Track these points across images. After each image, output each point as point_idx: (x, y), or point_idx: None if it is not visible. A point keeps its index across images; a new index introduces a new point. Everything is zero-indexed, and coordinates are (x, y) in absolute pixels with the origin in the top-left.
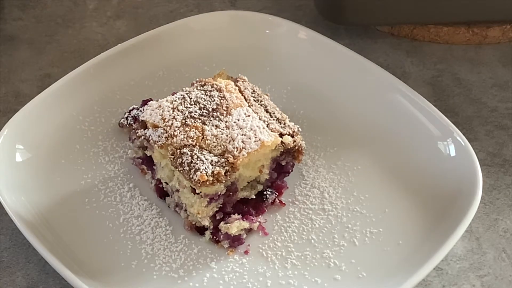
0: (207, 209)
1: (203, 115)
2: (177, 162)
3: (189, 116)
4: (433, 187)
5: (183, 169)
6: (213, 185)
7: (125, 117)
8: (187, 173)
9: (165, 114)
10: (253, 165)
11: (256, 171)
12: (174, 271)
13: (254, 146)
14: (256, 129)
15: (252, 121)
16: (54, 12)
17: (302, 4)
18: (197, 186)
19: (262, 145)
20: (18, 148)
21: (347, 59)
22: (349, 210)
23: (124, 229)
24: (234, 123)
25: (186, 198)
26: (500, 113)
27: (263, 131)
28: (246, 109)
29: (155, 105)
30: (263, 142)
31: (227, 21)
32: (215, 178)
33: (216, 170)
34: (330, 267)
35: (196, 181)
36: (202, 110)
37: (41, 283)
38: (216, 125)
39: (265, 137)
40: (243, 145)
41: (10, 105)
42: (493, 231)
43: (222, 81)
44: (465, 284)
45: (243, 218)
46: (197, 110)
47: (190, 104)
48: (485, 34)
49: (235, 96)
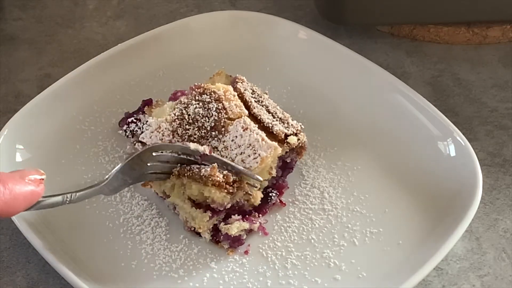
0: (208, 223)
1: (202, 137)
2: (185, 169)
3: (188, 141)
4: (433, 187)
5: (192, 172)
6: (220, 189)
7: (124, 129)
8: (197, 173)
9: (165, 139)
10: (262, 171)
11: (266, 174)
12: (174, 271)
13: (254, 164)
14: (255, 143)
15: (250, 135)
16: (54, 12)
17: (302, 4)
18: (208, 182)
19: (262, 161)
20: (18, 148)
21: (347, 59)
22: (349, 210)
23: (124, 229)
24: (232, 141)
25: (186, 213)
26: (500, 113)
27: (262, 144)
28: (244, 120)
29: (154, 125)
30: (263, 158)
31: (227, 21)
32: (224, 179)
33: (226, 173)
34: (330, 267)
35: (207, 176)
36: (200, 130)
37: (41, 283)
38: (215, 146)
39: (264, 152)
40: (244, 164)
41: (10, 105)
42: (493, 231)
43: (221, 88)
44: (465, 284)
45: (243, 218)
46: (196, 132)
47: (189, 123)
48: (485, 34)
49: (234, 104)
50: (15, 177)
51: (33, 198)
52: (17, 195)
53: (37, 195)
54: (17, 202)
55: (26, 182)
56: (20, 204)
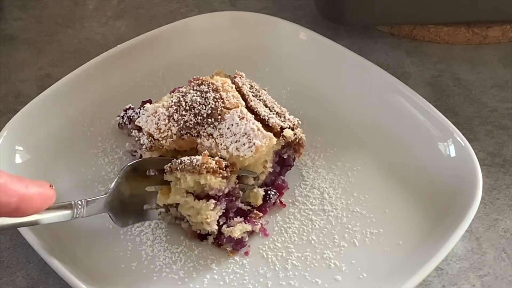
0: (213, 212)
1: (198, 123)
2: (176, 163)
3: (184, 126)
4: (433, 187)
5: (184, 164)
6: (215, 175)
7: (121, 115)
8: (189, 164)
9: (160, 124)
10: (256, 163)
11: (260, 167)
12: (175, 272)
13: (248, 152)
14: (250, 132)
15: (246, 124)
16: (54, 12)
17: (302, 4)
18: (202, 170)
19: (256, 150)
20: (18, 150)
21: (347, 60)
22: (349, 211)
23: (124, 231)
24: (228, 129)
25: (188, 209)
26: (500, 113)
27: (258, 133)
28: (241, 110)
29: (151, 110)
30: (257, 147)
31: (227, 22)
32: (217, 165)
33: (217, 159)
34: (331, 268)
35: (200, 165)
36: (196, 117)
37: (41, 283)
38: (210, 133)
39: (259, 141)
40: (238, 152)
41: (10, 105)
42: (493, 231)
43: (219, 80)
44: (465, 284)
45: (245, 220)
46: (192, 118)
47: (186, 110)
48: (485, 34)
49: (232, 95)
50: (28, 180)
51: (47, 200)
52: (33, 194)
53: (51, 198)
54: (33, 200)
55: (40, 184)
56: (35, 203)
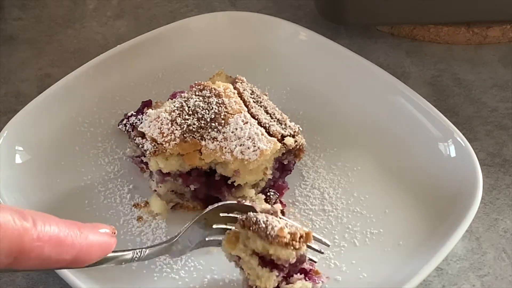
0: (274, 282)
1: (201, 127)
2: (251, 221)
3: (187, 130)
4: (433, 187)
5: (258, 227)
6: (287, 247)
7: (123, 123)
8: (263, 230)
9: (163, 128)
10: (257, 169)
11: (261, 174)
12: (175, 272)
13: (253, 156)
14: (255, 136)
15: (250, 129)
16: (54, 12)
17: (302, 4)
18: (274, 242)
19: (261, 154)
20: (18, 150)
21: (347, 60)
22: (349, 211)
23: (125, 231)
24: (232, 133)
25: (250, 269)
26: (500, 113)
27: (262, 138)
28: (244, 115)
29: (154, 115)
30: (262, 151)
31: (227, 22)
32: (291, 237)
33: (292, 230)
34: (331, 268)
35: (273, 236)
36: (200, 121)
37: (41, 283)
38: (214, 137)
39: (264, 145)
40: (243, 156)
41: (10, 105)
42: (493, 231)
43: (221, 85)
44: (465, 284)
45: (305, 277)
46: (195, 122)
47: (189, 114)
48: (485, 34)
49: (234, 101)
50: (88, 226)
51: (106, 249)
52: (92, 243)
53: (110, 246)
54: (91, 249)
55: (100, 233)
56: (94, 253)
